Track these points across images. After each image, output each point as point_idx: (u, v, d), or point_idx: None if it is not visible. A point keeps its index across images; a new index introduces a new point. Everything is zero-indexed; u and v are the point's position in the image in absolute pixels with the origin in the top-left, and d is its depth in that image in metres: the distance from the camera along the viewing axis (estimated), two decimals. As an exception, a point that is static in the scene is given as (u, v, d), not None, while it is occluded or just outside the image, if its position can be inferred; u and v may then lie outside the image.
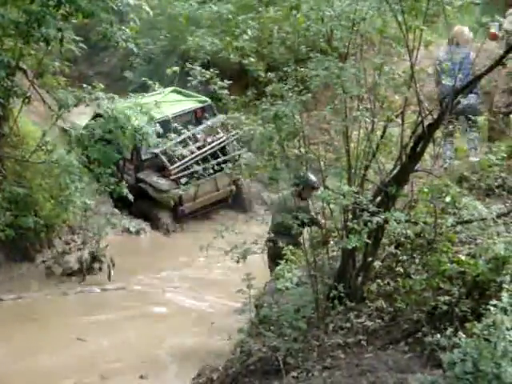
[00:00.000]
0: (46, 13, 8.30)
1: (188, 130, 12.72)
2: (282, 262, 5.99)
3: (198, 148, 12.99)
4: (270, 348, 5.75)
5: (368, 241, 5.37)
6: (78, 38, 10.30)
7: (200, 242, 6.30)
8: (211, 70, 6.31)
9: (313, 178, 7.53)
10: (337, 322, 5.80)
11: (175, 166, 12.68)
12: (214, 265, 10.28)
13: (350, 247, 5.30)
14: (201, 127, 13.22)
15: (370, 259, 5.85)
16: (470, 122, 8.61)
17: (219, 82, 6.31)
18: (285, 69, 6.27)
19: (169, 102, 13.24)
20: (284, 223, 6.24)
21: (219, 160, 12.26)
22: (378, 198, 5.76)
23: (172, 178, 12.65)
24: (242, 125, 6.28)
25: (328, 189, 5.71)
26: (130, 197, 10.48)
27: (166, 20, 17.22)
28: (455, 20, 6.92)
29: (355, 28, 5.93)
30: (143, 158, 12.93)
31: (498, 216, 5.50)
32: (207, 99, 13.32)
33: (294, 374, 5.38)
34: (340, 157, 6.25)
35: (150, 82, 11.17)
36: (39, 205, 10.53)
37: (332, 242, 6.47)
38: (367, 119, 5.93)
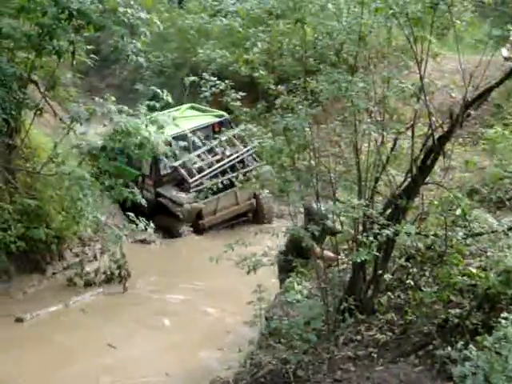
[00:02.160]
0: (57, 26, 8.39)
1: (206, 144, 12.86)
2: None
3: (217, 161, 13.05)
4: (280, 360, 5.75)
5: (378, 254, 5.35)
6: (89, 47, 10.40)
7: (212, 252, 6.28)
8: (226, 81, 6.34)
9: (329, 223, 6.32)
10: (347, 335, 5.79)
11: (194, 178, 12.71)
12: (225, 276, 10.25)
13: (359, 260, 5.30)
14: (217, 141, 13.23)
15: (381, 272, 5.84)
16: None
17: (233, 94, 6.35)
18: (294, 81, 6.29)
19: (186, 118, 13.34)
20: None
21: (238, 173, 12.25)
22: (389, 211, 5.75)
23: (192, 190, 12.67)
24: (253, 137, 6.30)
25: (338, 201, 5.71)
26: (143, 202, 10.58)
27: (176, 33, 17.37)
28: (465, 33, 6.91)
29: (363, 41, 5.94)
30: (162, 173, 12.96)
31: (509, 229, 5.47)
32: (224, 113, 13.31)
33: (305, 386, 5.38)
34: (350, 169, 6.25)
35: (159, 92, 11.24)
36: (50, 217, 10.53)
37: (342, 255, 6.45)
38: (376, 132, 5.93)
